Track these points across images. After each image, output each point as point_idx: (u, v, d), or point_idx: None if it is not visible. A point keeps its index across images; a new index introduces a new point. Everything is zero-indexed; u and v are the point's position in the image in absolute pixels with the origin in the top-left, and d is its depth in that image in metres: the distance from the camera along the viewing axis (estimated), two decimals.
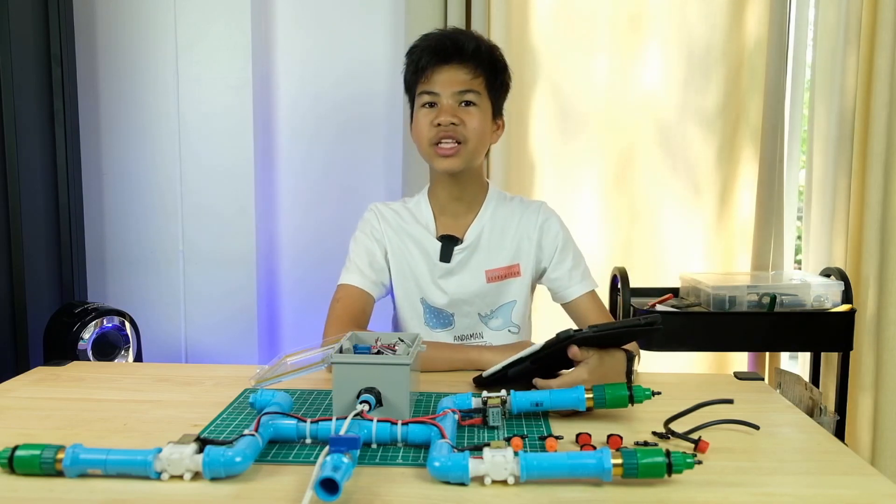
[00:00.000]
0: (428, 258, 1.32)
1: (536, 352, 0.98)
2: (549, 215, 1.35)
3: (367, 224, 1.35)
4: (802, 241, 2.15)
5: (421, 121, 1.25)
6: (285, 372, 1.00)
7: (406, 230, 1.34)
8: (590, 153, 2.05)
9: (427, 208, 1.34)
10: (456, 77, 1.23)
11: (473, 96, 1.24)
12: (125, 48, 1.86)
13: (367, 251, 1.32)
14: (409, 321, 1.35)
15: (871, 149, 1.93)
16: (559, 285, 1.33)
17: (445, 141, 1.23)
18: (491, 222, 1.33)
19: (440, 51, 1.23)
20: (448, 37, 1.25)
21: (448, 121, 1.22)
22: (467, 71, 1.24)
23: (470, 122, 1.23)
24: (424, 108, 1.25)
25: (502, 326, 1.34)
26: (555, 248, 1.33)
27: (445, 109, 1.23)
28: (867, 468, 0.81)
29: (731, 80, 2.02)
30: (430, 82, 1.24)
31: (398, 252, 1.33)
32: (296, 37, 2.00)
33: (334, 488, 0.66)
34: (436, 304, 1.32)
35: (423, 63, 1.24)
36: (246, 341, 1.92)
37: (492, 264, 1.32)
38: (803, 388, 1.84)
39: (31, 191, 1.63)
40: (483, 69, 1.25)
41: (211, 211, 1.90)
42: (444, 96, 1.23)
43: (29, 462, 0.75)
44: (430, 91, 1.24)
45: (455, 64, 1.24)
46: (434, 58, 1.23)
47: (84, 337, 1.53)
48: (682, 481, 0.75)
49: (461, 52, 1.23)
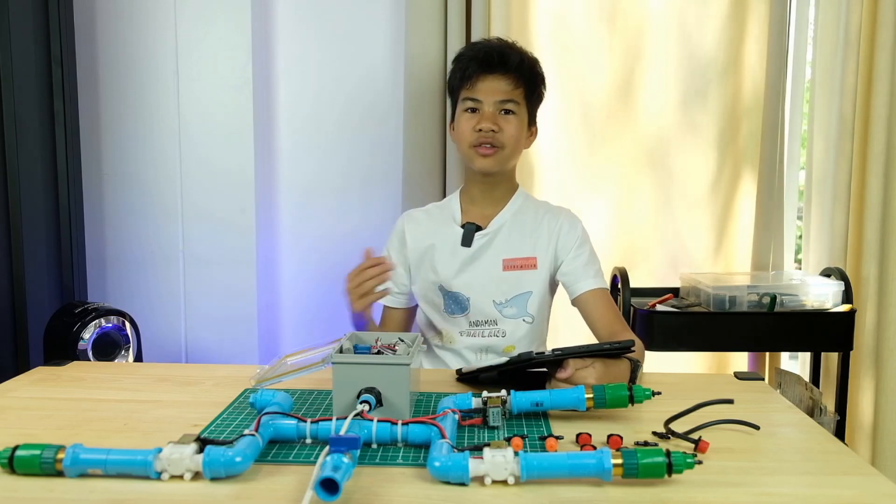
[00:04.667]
0: (450, 243, 1.41)
1: (501, 364, 1.04)
2: (572, 218, 1.45)
3: (393, 235, 1.49)
4: (802, 241, 2.15)
5: (463, 125, 1.37)
6: (285, 372, 1.01)
7: (432, 223, 1.45)
8: (590, 153, 2.05)
9: (457, 203, 1.46)
10: (498, 87, 1.35)
11: (513, 105, 1.36)
12: (125, 48, 1.85)
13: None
14: (429, 311, 1.44)
15: (871, 149, 1.93)
16: (571, 279, 1.39)
17: (485, 144, 1.35)
18: (514, 217, 1.42)
19: (486, 61, 1.35)
20: (495, 48, 1.37)
21: (489, 127, 1.33)
22: (509, 81, 1.35)
23: (508, 129, 1.35)
24: (467, 113, 1.36)
25: (517, 315, 1.39)
26: (572, 245, 1.40)
27: (487, 116, 1.34)
28: (867, 468, 0.81)
29: (732, 80, 2.02)
30: (475, 90, 1.35)
31: (420, 244, 1.43)
32: (296, 37, 2.00)
33: (334, 488, 0.66)
34: (453, 287, 1.39)
35: (469, 71, 1.35)
36: (246, 341, 1.92)
37: (510, 253, 1.39)
38: (803, 388, 1.84)
39: (31, 191, 1.63)
40: (524, 80, 1.37)
41: (211, 211, 1.89)
42: (486, 104, 1.35)
43: (29, 462, 0.75)
44: (473, 98, 1.36)
45: (499, 74, 1.35)
46: (480, 67, 1.35)
47: (84, 337, 1.53)
48: (682, 481, 0.75)
49: (505, 64, 1.35)
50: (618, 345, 1.01)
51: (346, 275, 1.22)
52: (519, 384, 1.01)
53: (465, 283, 1.39)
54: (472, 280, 1.39)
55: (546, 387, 1.01)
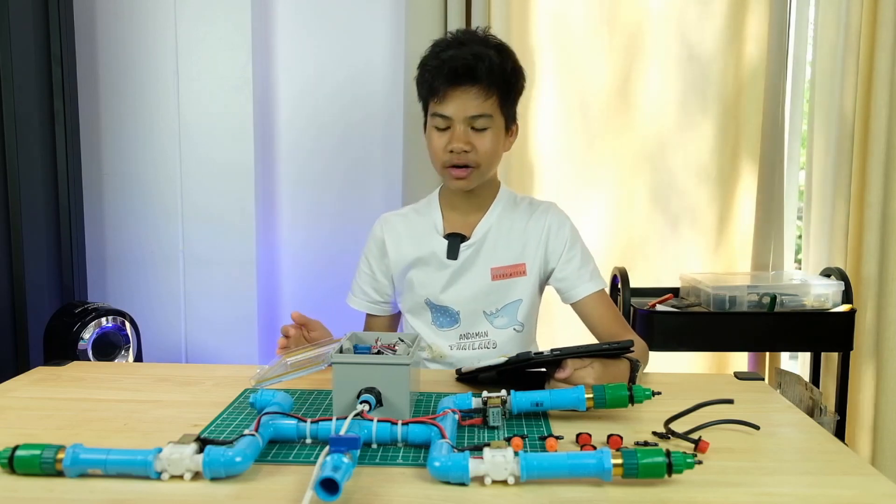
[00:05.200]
0: (435, 257, 1.33)
1: (500, 364, 1.03)
2: (558, 216, 1.36)
3: (370, 241, 1.41)
4: (802, 241, 2.15)
5: (435, 142, 1.26)
6: (285, 372, 1.01)
7: (413, 233, 1.36)
8: (589, 153, 2.05)
9: (437, 208, 1.37)
10: (468, 102, 1.22)
11: (485, 121, 1.23)
12: (125, 48, 1.86)
13: (369, 275, 1.40)
14: (416, 325, 1.37)
15: (871, 149, 1.93)
16: (566, 285, 1.33)
17: (458, 166, 1.25)
18: (499, 221, 1.34)
19: (451, 74, 1.22)
20: (460, 58, 1.22)
21: (460, 148, 1.22)
22: (479, 92, 1.22)
23: (482, 147, 1.24)
24: (436, 132, 1.25)
25: (507, 325, 1.34)
26: (562, 248, 1.33)
27: (458, 136, 1.23)
28: (867, 468, 0.81)
29: (732, 80, 2.02)
30: (443, 105, 1.23)
31: (403, 258, 1.36)
32: (296, 37, 2.00)
33: (334, 488, 0.66)
34: (442, 301, 1.34)
35: (435, 84, 1.23)
36: (246, 341, 1.92)
37: (497, 262, 1.33)
38: (803, 388, 1.84)
39: (31, 191, 1.63)
40: (496, 87, 1.24)
41: (211, 211, 1.90)
42: (456, 121, 1.23)
43: (29, 462, 0.75)
44: (442, 115, 1.24)
45: (467, 86, 1.22)
46: (447, 81, 1.22)
47: (84, 337, 1.53)
48: (682, 481, 0.75)
49: (473, 75, 1.22)
50: (616, 345, 1.01)
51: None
52: (518, 384, 1.01)
53: (454, 297, 1.33)
54: (461, 293, 1.33)
55: (545, 387, 1.01)
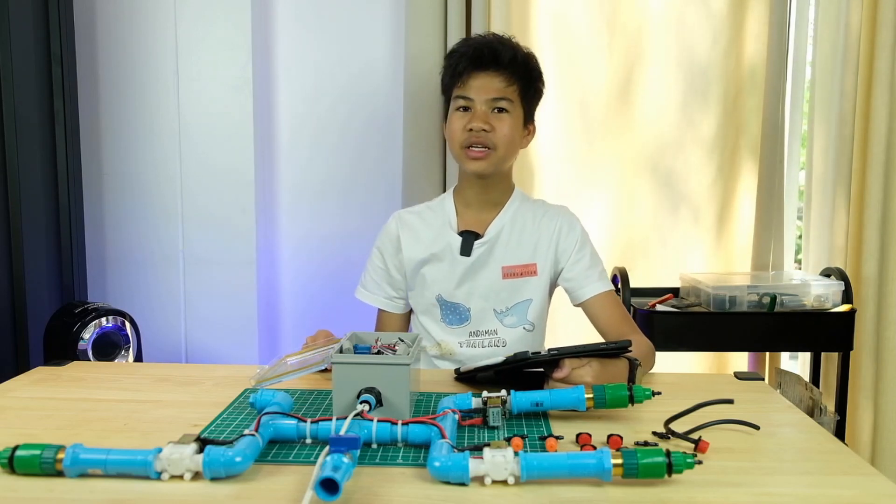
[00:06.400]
0: (448, 253, 1.35)
1: (498, 364, 1.03)
2: (569, 218, 1.39)
3: (384, 237, 1.42)
4: (802, 241, 2.15)
5: (455, 123, 1.31)
6: (285, 372, 1.01)
7: (428, 230, 1.39)
8: (590, 153, 2.05)
9: (451, 206, 1.39)
10: (491, 84, 1.29)
11: (506, 104, 1.29)
12: (125, 48, 1.85)
13: (383, 270, 1.41)
14: (426, 322, 1.39)
15: (871, 149, 1.93)
16: (574, 285, 1.35)
17: (476, 146, 1.28)
18: (512, 221, 1.36)
19: (477, 58, 1.29)
20: (487, 44, 1.31)
21: (480, 127, 1.27)
22: (502, 79, 1.29)
23: (501, 129, 1.28)
24: (459, 112, 1.31)
25: (517, 324, 1.36)
26: (572, 248, 1.35)
27: (478, 115, 1.28)
28: (867, 468, 0.81)
29: (732, 81, 2.02)
30: (466, 87, 1.29)
31: (417, 254, 1.37)
32: (296, 37, 2.00)
33: (334, 488, 0.66)
34: (453, 298, 1.35)
35: (460, 68, 1.30)
36: (246, 341, 1.92)
37: (509, 261, 1.35)
38: (803, 388, 1.84)
39: (31, 191, 1.63)
40: (518, 77, 1.30)
41: (211, 211, 1.89)
42: (477, 102, 1.29)
43: (29, 462, 0.75)
44: (465, 96, 1.30)
45: (491, 71, 1.29)
46: (471, 64, 1.29)
47: (84, 337, 1.53)
48: (682, 481, 0.75)
49: (497, 61, 1.28)
50: (613, 344, 1.01)
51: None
52: (517, 384, 1.01)
53: (466, 293, 1.35)
54: (473, 290, 1.35)
55: (544, 387, 1.01)
